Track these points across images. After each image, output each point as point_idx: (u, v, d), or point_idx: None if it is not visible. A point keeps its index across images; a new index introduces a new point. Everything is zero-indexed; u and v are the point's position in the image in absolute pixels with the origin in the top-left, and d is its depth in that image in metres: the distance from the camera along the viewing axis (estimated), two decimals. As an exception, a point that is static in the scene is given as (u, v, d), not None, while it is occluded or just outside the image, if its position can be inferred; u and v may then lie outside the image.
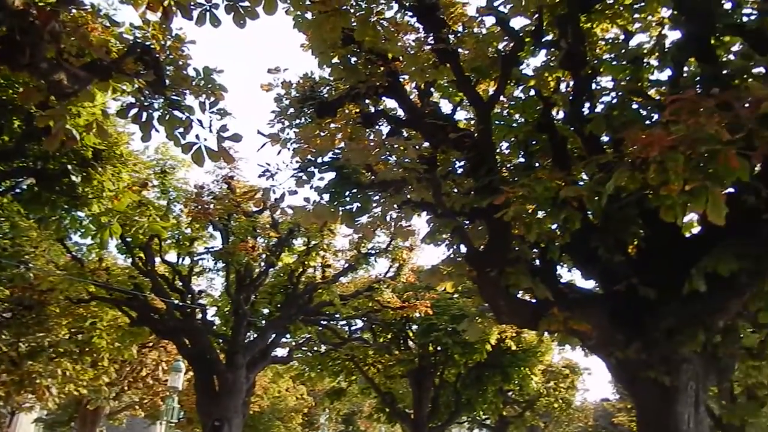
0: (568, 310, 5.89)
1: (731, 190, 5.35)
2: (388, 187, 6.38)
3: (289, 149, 6.82)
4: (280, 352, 18.51)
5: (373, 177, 6.34)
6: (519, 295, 6.44)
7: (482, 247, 6.27)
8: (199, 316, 15.22)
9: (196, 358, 14.66)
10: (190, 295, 15.26)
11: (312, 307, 16.28)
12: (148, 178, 11.41)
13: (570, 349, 14.29)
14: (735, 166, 3.17)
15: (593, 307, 6.03)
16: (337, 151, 6.52)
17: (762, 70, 4.97)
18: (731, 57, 5.44)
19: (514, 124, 7.12)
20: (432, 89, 7.47)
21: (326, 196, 6.12)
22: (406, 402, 21.48)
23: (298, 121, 7.36)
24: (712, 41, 4.94)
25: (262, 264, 15.62)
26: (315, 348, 20.13)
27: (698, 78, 5.04)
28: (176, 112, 4.82)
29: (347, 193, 6.11)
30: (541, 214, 5.33)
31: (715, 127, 3.05)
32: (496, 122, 7.21)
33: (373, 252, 16.01)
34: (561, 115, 6.73)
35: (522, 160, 7.43)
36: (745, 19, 5.14)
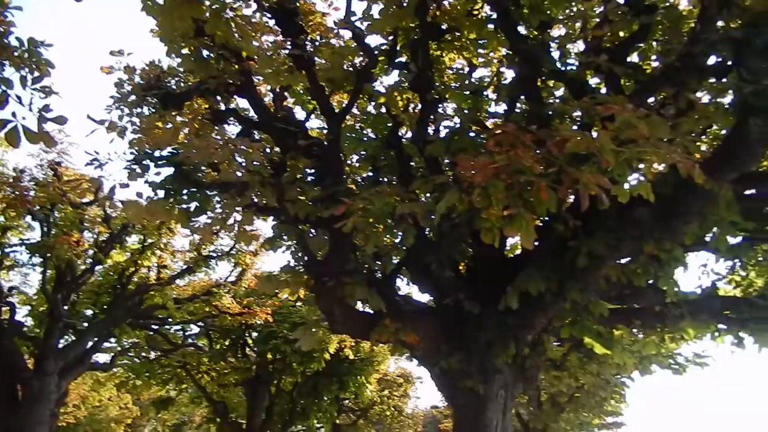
0: (400, 322, 6.12)
1: (546, 218, 5.99)
2: (230, 189, 6.18)
3: (124, 138, 6.31)
4: (102, 357, 16.95)
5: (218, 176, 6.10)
6: (357, 306, 6.57)
7: (322, 256, 6.31)
8: (6, 315, 13.40)
9: (-4, 364, 12.86)
10: (-4, 292, 13.39)
11: (142, 309, 15.16)
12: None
13: (405, 359, 14.87)
14: (544, 198, 3.53)
15: (423, 319, 6.32)
16: (177, 146, 6.16)
17: (579, 113, 5.64)
18: (555, 100, 6.10)
19: (365, 139, 7.30)
20: (286, 94, 7.40)
21: (161, 192, 5.75)
22: (239, 412, 20.80)
23: (139, 110, 6.86)
24: (539, 83, 5.50)
25: (88, 261, 14.22)
26: (143, 354, 18.71)
27: (527, 114, 5.57)
28: (-12, 83, 4.21)
29: (185, 191, 5.80)
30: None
31: (530, 161, 3.37)
32: (348, 135, 7.34)
33: (214, 255, 15.36)
34: (409, 134, 7.05)
35: (371, 174, 7.64)
36: (569, 67, 5.82)
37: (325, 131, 7.44)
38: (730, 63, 4.81)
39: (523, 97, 5.70)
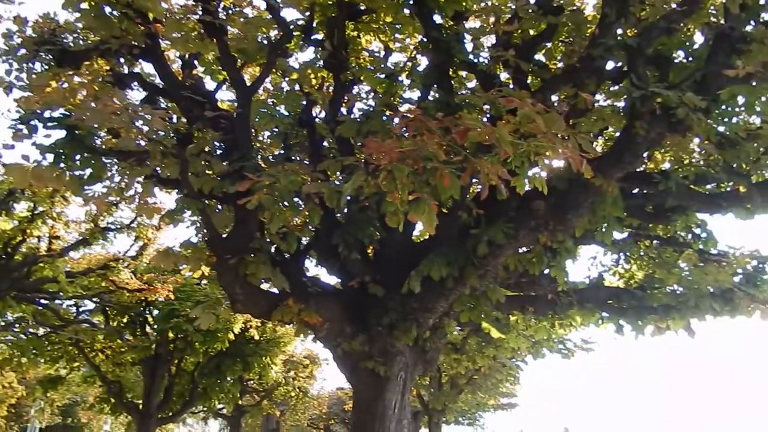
0: (303, 303, 6.08)
1: (451, 206, 6.15)
2: (130, 158, 5.84)
3: (9, 95, 5.78)
4: (-18, 333, 15.63)
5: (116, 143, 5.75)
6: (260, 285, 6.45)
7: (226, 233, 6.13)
8: None
9: None
10: None
11: (30, 282, 14.08)
12: None
13: (310, 340, 14.84)
14: (447, 184, 3.60)
15: (328, 300, 6.32)
16: (71, 107, 5.71)
17: (487, 106, 5.81)
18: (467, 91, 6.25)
19: (277, 115, 7.13)
20: (196, 62, 7.07)
21: (50, 157, 5.32)
22: (136, 392, 19.95)
23: (29, 65, 6.31)
24: (451, 73, 5.60)
25: (-32, 227, 13.02)
26: (30, 330, 17.42)
27: (438, 103, 5.66)
28: None
29: (78, 157, 5.40)
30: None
31: (435, 147, 3.43)
32: (261, 110, 7.14)
33: (113, 227, 14.49)
34: (323, 114, 6.96)
35: (282, 152, 7.49)
36: (480, 60, 5.97)
37: (235, 104, 7.21)
38: (625, 69, 5.13)
39: (435, 85, 5.79)
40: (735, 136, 5.24)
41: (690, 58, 5.59)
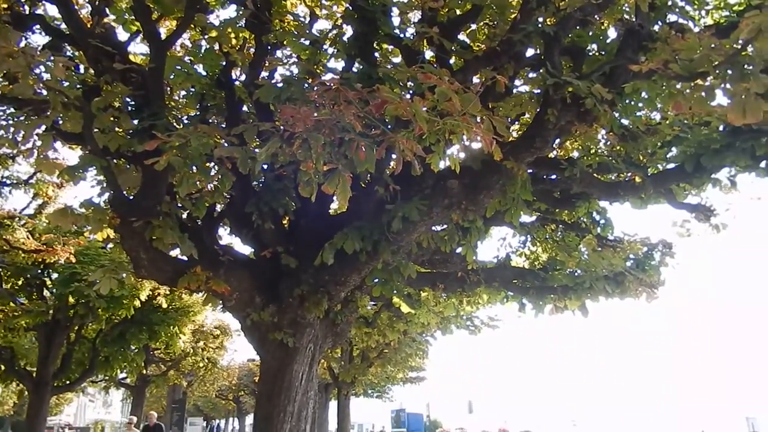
0: (212, 271, 5.91)
1: (369, 180, 6.16)
2: (26, 106, 5.39)
3: None
4: None
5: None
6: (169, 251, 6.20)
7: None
8: None
9: None
10: None
11: None
12: None
13: (221, 310, 14.53)
14: (362, 157, 3.59)
15: (238, 270, 6.19)
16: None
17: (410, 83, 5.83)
18: (391, 65, 6.21)
19: (194, 74, 6.81)
20: (107, 10, 6.59)
21: (-70, 98, 4.81)
22: (30, 359, 18.77)
23: None
24: (375, 45, 5.55)
25: None
26: None
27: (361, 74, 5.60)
28: None
29: (-38, 102, 4.91)
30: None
31: (352, 118, 3.39)
32: (177, 68, 6.78)
33: (7, 182, 13.38)
34: (244, 77, 6.71)
35: (198, 113, 7.18)
36: (407, 35, 5.95)
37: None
38: (543, 57, 5.29)
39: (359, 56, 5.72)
40: (636, 130, 5.58)
41: (602, 51, 5.86)
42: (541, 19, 5.28)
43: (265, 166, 5.97)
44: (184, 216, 6.48)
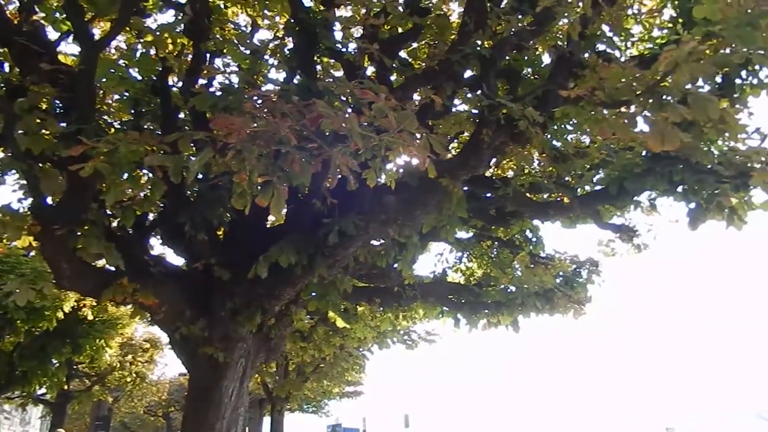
0: (140, 282, 5.69)
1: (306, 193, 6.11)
2: (-60, 104, 5.05)
3: None
4: None
5: None
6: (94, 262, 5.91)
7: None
8: None
9: None
10: None
11: None
12: None
13: (150, 323, 13.97)
14: (297, 170, 3.56)
15: (168, 281, 5.98)
16: None
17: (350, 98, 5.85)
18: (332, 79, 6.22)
19: (128, 78, 6.58)
20: (36, 8, 6.29)
21: None
22: (-64, 374, 17.39)
23: None
24: (316, 58, 5.55)
25: None
26: None
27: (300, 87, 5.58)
28: None
29: None
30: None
31: (287, 131, 3.36)
32: (110, 71, 6.54)
33: None
34: (181, 84, 6.54)
35: (131, 119, 6.94)
36: (348, 50, 5.98)
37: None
38: (480, 78, 5.44)
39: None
40: (567, 152, 5.81)
41: (537, 76, 6.08)
42: (479, 42, 5.43)
43: (200, 176, 5.82)
44: (114, 225, 6.23)
